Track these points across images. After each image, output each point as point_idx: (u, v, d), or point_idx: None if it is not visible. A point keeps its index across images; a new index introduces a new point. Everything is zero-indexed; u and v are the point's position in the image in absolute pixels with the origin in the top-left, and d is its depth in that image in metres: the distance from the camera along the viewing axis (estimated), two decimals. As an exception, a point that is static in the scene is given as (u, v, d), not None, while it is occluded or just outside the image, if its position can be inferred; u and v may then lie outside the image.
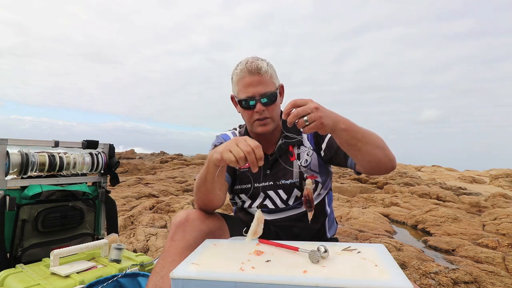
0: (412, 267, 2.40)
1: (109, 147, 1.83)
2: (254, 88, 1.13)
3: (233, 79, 1.20)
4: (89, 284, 1.19)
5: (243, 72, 1.14)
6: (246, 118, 1.21)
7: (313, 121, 0.87)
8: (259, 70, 1.13)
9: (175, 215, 1.09)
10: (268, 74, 1.15)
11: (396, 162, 1.07)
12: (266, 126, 1.18)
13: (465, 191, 7.32)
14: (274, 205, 1.21)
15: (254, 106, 1.15)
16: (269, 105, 1.16)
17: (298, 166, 1.21)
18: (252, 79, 1.13)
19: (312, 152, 1.22)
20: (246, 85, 1.14)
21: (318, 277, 0.70)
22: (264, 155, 1.23)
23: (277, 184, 1.21)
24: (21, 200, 1.49)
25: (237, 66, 1.18)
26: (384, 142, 1.03)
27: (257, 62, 1.14)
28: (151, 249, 2.76)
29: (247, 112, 1.18)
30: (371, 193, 6.68)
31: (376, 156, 1.01)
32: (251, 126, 1.21)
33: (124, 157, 18.43)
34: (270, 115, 1.17)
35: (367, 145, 0.98)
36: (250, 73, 1.13)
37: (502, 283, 2.17)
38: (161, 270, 0.98)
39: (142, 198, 5.31)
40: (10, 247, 1.45)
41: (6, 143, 1.44)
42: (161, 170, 11.01)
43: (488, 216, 4.36)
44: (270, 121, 1.18)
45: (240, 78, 1.16)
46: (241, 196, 1.27)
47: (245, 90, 1.14)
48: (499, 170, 11.57)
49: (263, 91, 1.14)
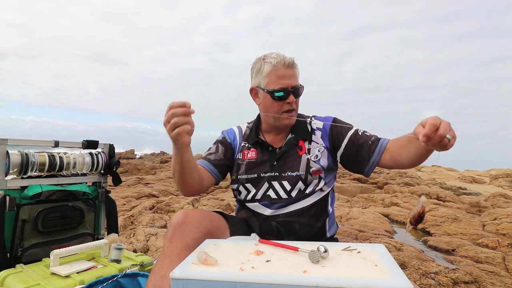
0: (412, 267, 2.40)
1: (109, 147, 1.83)
2: (289, 80, 1.19)
3: (261, 70, 1.23)
4: (89, 284, 1.19)
5: (279, 65, 1.19)
6: (274, 109, 1.23)
7: (453, 137, 0.87)
8: (294, 65, 1.21)
9: (174, 215, 1.09)
10: (298, 70, 1.24)
11: None
12: (292, 119, 1.24)
13: (465, 191, 7.33)
14: (277, 195, 1.23)
15: (287, 97, 1.20)
16: (298, 97, 1.23)
17: (307, 160, 1.23)
18: (287, 72, 1.19)
19: (324, 149, 1.25)
20: (281, 76, 1.19)
21: (318, 277, 0.70)
22: (273, 148, 1.28)
23: (283, 175, 1.23)
24: (21, 200, 1.49)
25: (266, 59, 1.22)
26: None
27: (290, 57, 1.21)
28: (151, 249, 2.76)
29: (278, 103, 1.21)
30: (371, 193, 6.68)
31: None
32: (277, 118, 1.24)
33: (124, 157, 18.43)
34: (296, 107, 1.24)
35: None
36: (285, 66, 1.19)
37: (502, 283, 2.17)
38: (159, 270, 0.97)
39: (142, 198, 5.31)
40: (10, 247, 1.45)
41: (6, 143, 1.43)
42: (161, 170, 11.01)
43: (488, 216, 4.36)
44: (295, 114, 1.25)
45: (273, 70, 1.20)
46: (247, 186, 1.28)
47: (279, 82, 1.19)
48: (499, 170, 11.57)
49: (295, 84, 1.21)
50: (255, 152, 1.30)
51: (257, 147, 1.30)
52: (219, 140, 1.38)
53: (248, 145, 1.32)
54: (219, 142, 1.36)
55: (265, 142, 1.29)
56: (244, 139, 1.35)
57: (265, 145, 1.29)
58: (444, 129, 0.83)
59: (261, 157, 1.28)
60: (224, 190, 6.68)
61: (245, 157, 1.31)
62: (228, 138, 1.37)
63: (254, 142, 1.31)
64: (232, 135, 1.38)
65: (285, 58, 1.19)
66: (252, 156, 1.30)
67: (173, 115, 0.93)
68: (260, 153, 1.29)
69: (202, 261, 0.78)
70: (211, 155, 1.32)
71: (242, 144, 1.34)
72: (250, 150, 1.31)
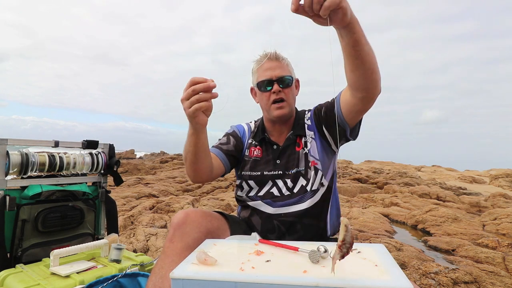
0: (412, 267, 2.40)
1: (109, 147, 1.83)
2: (272, 72, 1.22)
3: (253, 69, 1.29)
4: (89, 284, 1.19)
5: (262, 58, 1.25)
6: (264, 102, 1.27)
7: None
8: (277, 57, 1.24)
9: (174, 215, 1.09)
10: (285, 62, 1.25)
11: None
12: (283, 109, 1.24)
13: (465, 191, 7.33)
14: (280, 193, 1.24)
15: (271, 87, 1.22)
16: (285, 88, 1.23)
17: (304, 154, 1.25)
18: (271, 64, 1.23)
19: (314, 137, 1.27)
20: (265, 69, 1.23)
21: (318, 277, 0.70)
22: (278, 146, 1.29)
23: (286, 173, 1.25)
24: (21, 200, 1.49)
25: (256, 59, 1.28)
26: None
27: (275, 51, 1.24)
28: (151, 249, 2.76)
29: (265, 94, 1.25)
30: (371, 193, 6.68)
31: (375, 64, 0.93)
32: (269, 110, 1.26)
33: (124, 157, 18.42)
34: (286, 98, 1.24)
35: (370, 50, 0.91)
36: (268, 59, 1.24)
37: (502, 283, 2.17)
38: (160, 270, 0.97)
39: (142, 198, 5.31)
40: (10, 247, 1.45)
41: (6, 143, 1.43)
42: (161, 170, 11.02)
43: (488, 216, 4.36)
44: (286, 105, 1.24)
45: (259, 66, 1.25)
46: (250, 183, 1.29)
47: (264, 74, 1.23)
48: (499, 170, 11.58)
49: (280, 74, 1.23)
50: (260, 151, 1.32)
51: (263, 145, 1.32)
52: (229, 133, 1.39)
53: (255, 143, 1.34)
54: (230, 135, 1.37)
55: (270, 140, 1.31)
56: (252, 136, 1.37)
57: (271, 143, 1.31)
58: None
59: (265, 156, 1.30)
60: (224, 190, 6.69)
61: (252, 154, 1.33)
62: (238, 133, 1.39)
63: (260, 139, 1.32)
64: (242, 130, 1.40)
65: (270, 52, 1.24)
66: (258, 155, 1.31)
67: (194, 91, 0.88)
68: (265, 151, 1.31)
69: (201, 261, 0.78)
70: (224, 145, 1.33)
71: (249, 141, 1.36)
72: (256, 148, 1.33)
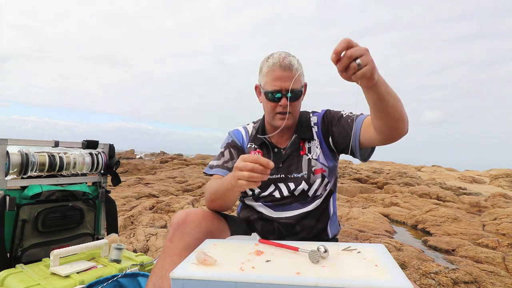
0: (412, 267, 2.40)
1: (109, 147, 1.83)
2: (283, 83, 1.17)
3: (262, 69, 1.23)
4: (89, 284, 1.19)
5: (275, 66, 1.17)
6: (268, 109, 1.25)
7: (365, 64, 0.77)
8: (291, 67, 1.17)
9: (174, 215, 1.09)
10: (298, 72, 1.19)
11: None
12: (287, 121, 1.22)
13: (465, 191, 7.33)
14: (281, 195, 1.24)
15: (279, 100, 1.19)
16: (293, 101, 1.20)
17: (308, 160, 1.24)
18: (282, 74, 1.17)
19: (321, 145, 1.26)
20: (276, 78, 1.18)
21: (318, 277, 0.70)
22: (279, 149, 1.28)
23: (289, 177, 1.24)
24: (21, 200, 1.49)
25: (269, 59, 1.21)
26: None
27: (290, 58, 1.17)
28: (151, 249, 2.76)
29: (271, 104, 1.21)
30: (371, 193, 6.68)
31: (401, 113, 0.96)
32: (272, 118, 1.24)
33: (124, 157, 18.42)
34: (292, 111, 1.21)
35: (396, 101, 0.93)
36: (281, 68, 1.17)
37: (502, 283, 2.17)
38: (160, 270, 0.97)
39: (142, 198, 5.31)
40: (10, 247, 1.44)
41: (6, 143, 1.43)
42: (161, 170, 11.01)
43: (488, 216, 4.37)
44: (290, 117, 1.22)
45: (270, 71, 1.19)
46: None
47: (273, 83, 1.18)
48: (499, 170, 11.58)
49: (290, 87, 1.18)
50: (261, 154, 1.30)
51: (263, 149, 1.29)
52: (230, 144, 1.35)
53: (255, 146, 1.31)
54: (231, 147, 1.34)
55: (271, 143, 1.29)
56: (251, 140, 1.34)
57: (271, 146, 1.28)
58: (356, 50, 0.76)
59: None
60: (224, 190, 6.67)
61: None
62: (238, 142, 1.35)
63: (260, 143, 1.30)
64: (240, 137, 1.37)
65: (284, 59, 1.16)
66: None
67: (253, 170, 0.92)
68: (266, 154, 1.28)
69: (201, 261, 0.78)
70: (228, 162, 1.29)
71: (248, 145, 1.33)
72: (256, 151, 1.30)
